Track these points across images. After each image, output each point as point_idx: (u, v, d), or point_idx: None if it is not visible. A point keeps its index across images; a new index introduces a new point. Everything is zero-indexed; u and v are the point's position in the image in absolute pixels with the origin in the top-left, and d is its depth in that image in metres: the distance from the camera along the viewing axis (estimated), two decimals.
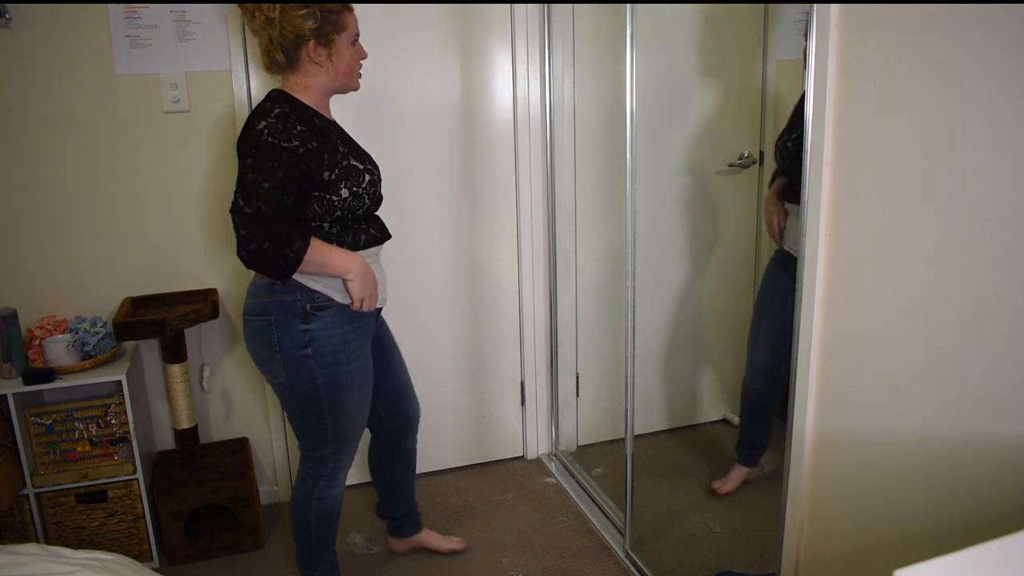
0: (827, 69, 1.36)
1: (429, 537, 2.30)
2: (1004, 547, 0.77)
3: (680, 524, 2.40)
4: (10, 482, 2.07)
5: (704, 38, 2.68)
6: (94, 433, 2.20)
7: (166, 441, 2.49)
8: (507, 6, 2.52)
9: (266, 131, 1.59)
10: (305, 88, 1.72)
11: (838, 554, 1.50)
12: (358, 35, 1.75)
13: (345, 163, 1.69)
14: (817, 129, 1.39)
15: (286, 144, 1.59)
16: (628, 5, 1.93)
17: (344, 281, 1.72)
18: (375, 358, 1.94)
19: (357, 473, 2.72)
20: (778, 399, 2.43)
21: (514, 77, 2.58)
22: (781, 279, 2.25)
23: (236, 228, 1.61)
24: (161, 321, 2.13)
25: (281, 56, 1.69)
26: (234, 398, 2.53)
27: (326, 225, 1.70)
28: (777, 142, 2.22)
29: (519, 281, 2.74)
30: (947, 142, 1.16)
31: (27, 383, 2.07)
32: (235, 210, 1.61)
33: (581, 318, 2.80)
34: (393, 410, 2.08)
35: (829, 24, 1.34)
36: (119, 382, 2.13)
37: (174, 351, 2.27)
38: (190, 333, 2.39)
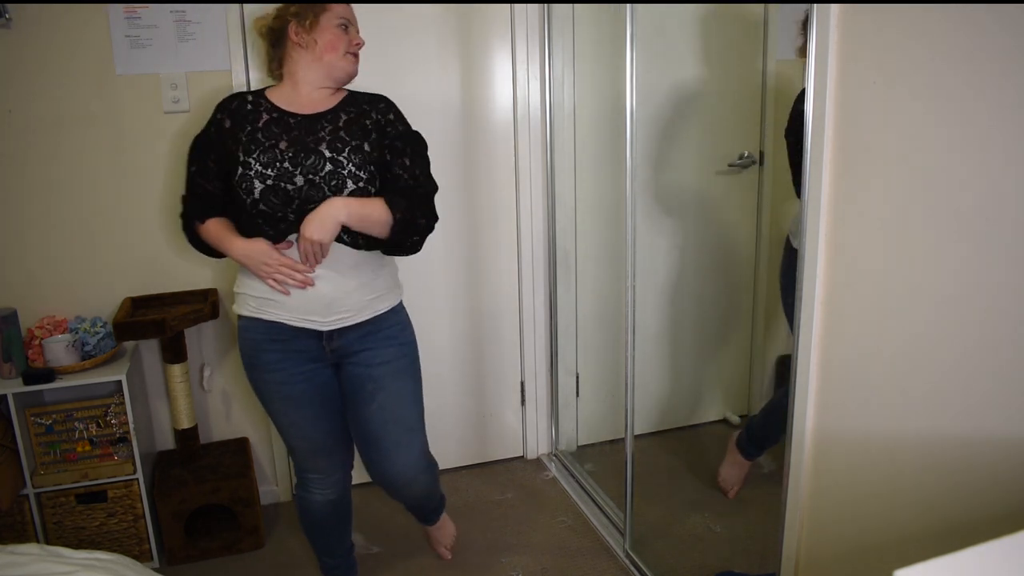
0: (827, 69, 1.36)
1: (428, 532, 2.29)
2: (1004, 547, 0.77)
3: (680, 524, 2.40)
4: (10, 482, 2.07)
5: (704, 38, 2.68)
6: (94, 433, 2.20)
7: (166, 441, 2.49)
8: (507, 6, 2.52)
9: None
10: (291, 76, 1.73)
11: (838, 554, 1.50)
12: (349, 22, 1.73)
13: (233, 154, 1.64)
14: (817, 129, 1.39)
15: (203, 131, 1.71)
16: (628, 5, 1.93)
17: None
18: (347, 399, 1.81)
19: (357, 473, 2.72)
20: None
21: (514, 77, 2.58)
22: None
23: None
24: (161, 321, 2.13)
25: (272, 52, 1.76)
26: (234, 398, 2.53)
27: (243, 218, 1.67)
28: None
29: (519, 281, 2.74)
30: (948, 141, 1.16)
31: (27, 383, 2.07)
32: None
33: (581, 318, 2.80)
34: (370, 463, 1.87)
35: (829, 24, 1.34)
36: (119, 382, 2.13)
37: (174, 351, 2.27)
38: (190, 333, 2.39)
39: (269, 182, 1.60)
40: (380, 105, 1.76)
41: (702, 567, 2.18)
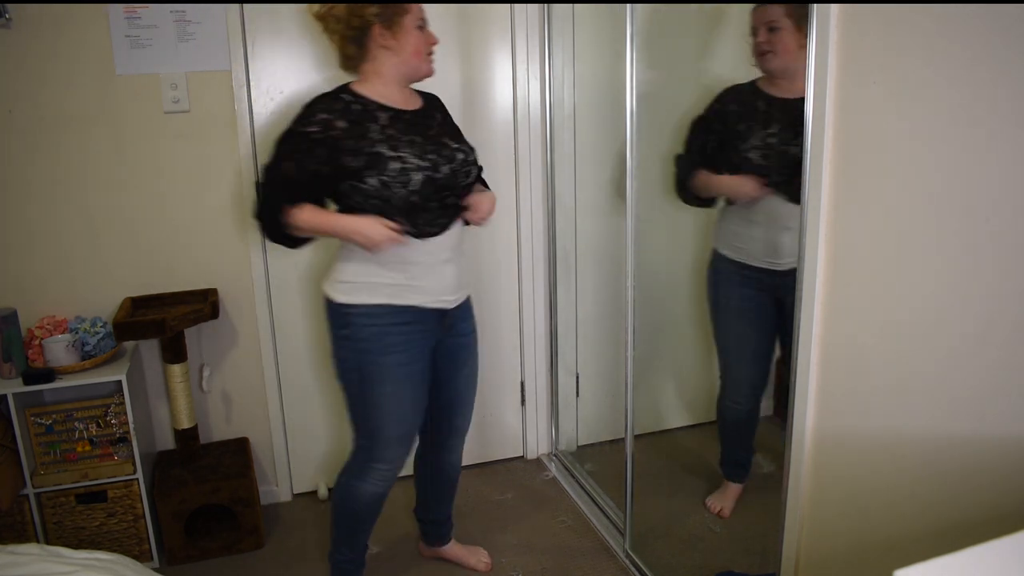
0: (827, 69, 1.36)
1: (455, 551, 2.27)
2: (1004, 547, 0.77)
3: (680, 524, 2.40)
4: (10, 482, 2.07)
5: (704, 38, 2.68)
6: (94, 433, 2.20)
7: (166, 441, 2.49)
8: (507, 6, 2.52)
9: (293, 119, 1.72)
10: (377, 75, 1.77)
11: (838, 554, 1.50)
12: (424, 20, 1.79)
13: (371, 150, 1.68)
14: (817, 129, 1.39)
15: (302, 129, 1.69)
16: (628, 5, 1.93)
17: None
18: (440, 367, 1.94)
19: None
20: (758, 413, 2.39)
21: (514, 77, 2.58)
22: (746, 289, 2.25)
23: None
24: (161, 321, 2.13)
25: (352, 48, 1.76)
26: (234, 398, 2.53)
27: (381, 209, 1.73)
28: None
29: (519, 281, 2.74)
30: (948, 142, 1.16)
31: (27, 383, 2.07)
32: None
33: (581, 318, 2.80)
34: (441, 421, 2.05)
35: (829, 24, 1.34)
36: (119, 382, 2.13)
37: (174, 351, 2.27)
38: (190, 333, 2.39)
39: (427, 173, 1.71)
40: (443, 106, 1.95)
41: (702, 567, 2.18)
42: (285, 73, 2.35)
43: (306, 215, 1.71)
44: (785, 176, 2.04)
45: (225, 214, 2.39)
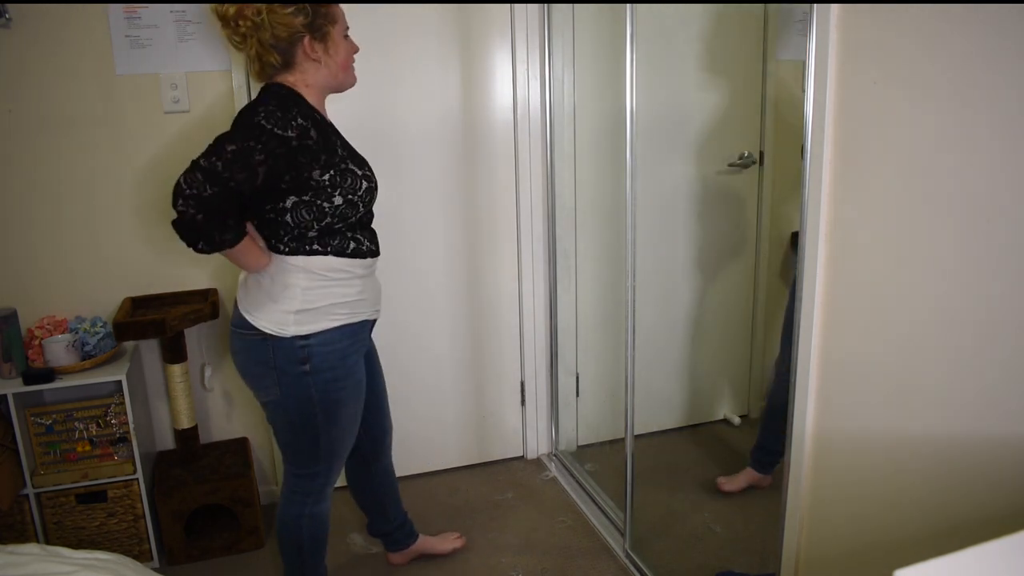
0: (827, 69, 1.36)
1: (427, 543, 2.28)
2: (1004, 547, 0.77)
3: (680, 524, 2.40)
4: (10, 482, 2.07)
5: (704, 38, 2.68)
6: (94, 433, 2.20)
7: (166, 441, 2.49)
8: (507, 6, 2.52)
9: (263, 115, 1.49)
10: (306, 86, 1.63)
11: (838, 554, 1.50)
12: (348, 28, 1.69)
13: (343, 166, 1.59)
14: (817, 129, 1.39)
15: (280, 132, 1.48)
16: (628, 5, 1.93)
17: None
18: (367, 373, 1.89)
19: None
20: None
21: (514, 77, 2.58)
22: None
23: (179, 181, 1.46)
24: (161, 321, 2.13)
25: (276, 58, 1.60)
26: (234, 398, 2.53)
27: (311, 233, 1.61)
28: None
29: (519, 281, 2.74)
30: (948, 142, 1.16)
31: (27, 383, 2.07)
32: (190, 165, 1.47)
33: (581, 318, 2.80)
34: (371, 424, 1.99)
35: (829, 24, 1.34)
36: (119, 382, 2.13)
37: (174, 351, 2.27)
38: (190, 333, 2.39)
39: (376, 194, 1.69)
40: None
41: (702, 567, 2.18)
42: None
43: (249, 244, 1.57)
44: None
45: None
